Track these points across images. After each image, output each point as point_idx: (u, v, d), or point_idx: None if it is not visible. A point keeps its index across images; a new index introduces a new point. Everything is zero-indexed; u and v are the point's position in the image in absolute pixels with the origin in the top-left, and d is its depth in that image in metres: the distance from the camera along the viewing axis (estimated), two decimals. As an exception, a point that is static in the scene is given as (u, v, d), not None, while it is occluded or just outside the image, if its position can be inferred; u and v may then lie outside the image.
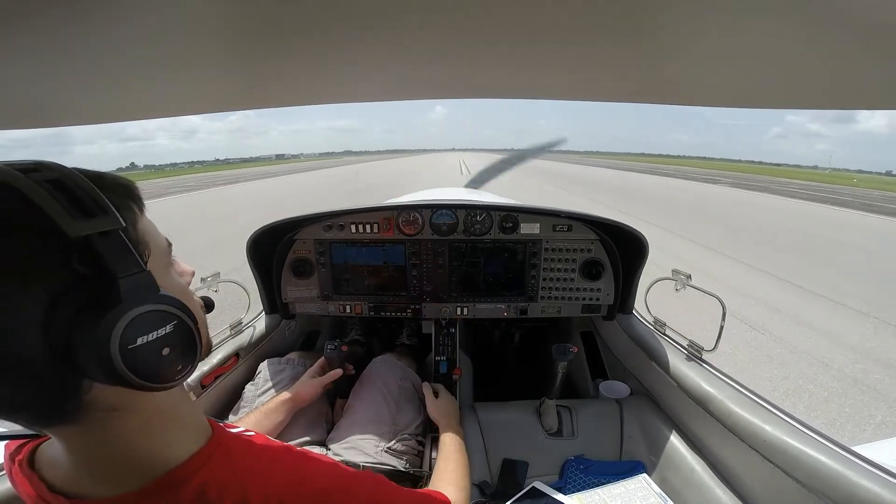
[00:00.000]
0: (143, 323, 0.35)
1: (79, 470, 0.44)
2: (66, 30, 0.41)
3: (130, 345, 0.34)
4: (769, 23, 0.41)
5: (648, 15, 0.43)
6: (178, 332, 0.38)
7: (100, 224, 0.35)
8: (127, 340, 0.34)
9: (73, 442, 0.43)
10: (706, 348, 1.21)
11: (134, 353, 0.35)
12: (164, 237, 0.48)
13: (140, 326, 0.35)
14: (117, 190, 0.42)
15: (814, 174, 57.28)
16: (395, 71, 0.66)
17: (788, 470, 0.85)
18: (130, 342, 0.34)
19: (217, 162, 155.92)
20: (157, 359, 0.37)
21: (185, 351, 0.39)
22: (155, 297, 0.37)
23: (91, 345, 0.33)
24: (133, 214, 0.43)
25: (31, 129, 0.72)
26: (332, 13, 0.43)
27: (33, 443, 0.50)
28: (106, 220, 0.36)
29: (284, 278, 1.56)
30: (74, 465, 0.44)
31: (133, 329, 0.35)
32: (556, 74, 0.69)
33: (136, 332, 0.35)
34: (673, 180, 27.46)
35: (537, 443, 1.27)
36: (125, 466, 0.43)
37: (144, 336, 0.35)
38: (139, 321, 0.35)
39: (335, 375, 1.29)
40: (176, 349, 0.38)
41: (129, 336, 0.34)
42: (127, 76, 0.58)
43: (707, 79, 0.65)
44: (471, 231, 1.50)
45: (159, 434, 0.44)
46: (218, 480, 0.44)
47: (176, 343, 0.38)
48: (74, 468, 0.44)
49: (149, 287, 0.37)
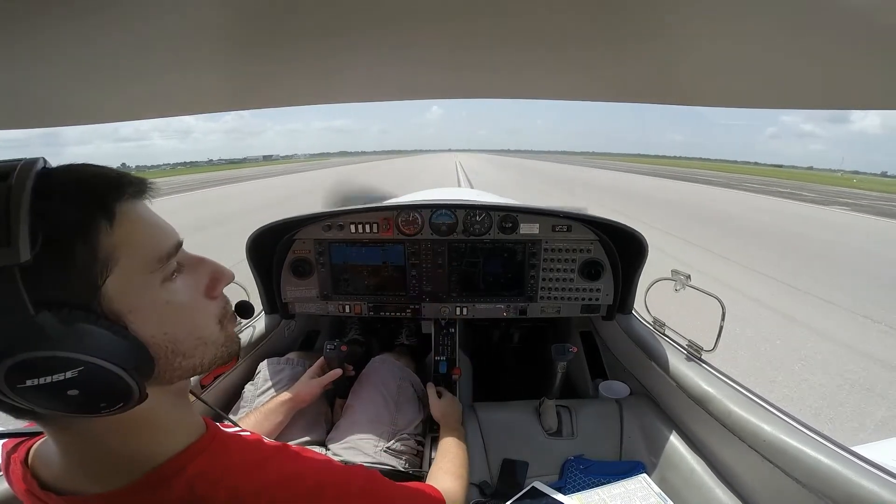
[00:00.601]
0: (26, 369, 0.33)
1: (70, 467, 0.44)
2: (63, 30, 0.41)
3: (19, 385, 0.33)
4: (768, 23, 0.41)
5: (646, 15, 0.43)
6: (88, 376, 0.35)
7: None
8: (13, 381, 0.33)
9: (57, 440, 0.43)
10: (706, 348, 1.21)
11: (28, 391, 0.34)
12: (163, 246, 0.43)
13: (24, 371, 0.33)
14: (80, 203, 0.37)
15: (832, 178, 53.85)
16: (392, 71, 0.66)
17: (788, 470, 0.85)
18: (19, 382, 0.33)
19: (202, 163, 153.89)
20: (63, 397, 0.35)
21: (103, 392, 0.37)
22: (41, 344, 0.33)
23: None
24: (91, 231, 0.37)
25: (27, 129, 0.72)
26: (329, 14, 0.43)
27: (30, 441, 0.50)
28: (2, 254, 0.32)
29: (284, 278, 1.56)
30: (66, 463, 0.44)
31: (16, 374, 0.33)
32: (554, 75, 0.69)
33: (21, 376, 0.33)
34: (651, 178, 27.79)
35: (537, 443, 1.27)
36: (114, 464, 0.43)
37: (34, 379, 0.33)
38: (19, 368, 0.33)
39: (335, 375, 1.29)
40: (87, 391, 0.36)
41: (14, 378, 0.33)
42: (124, 77, 0.58)
43: (706, 79, 0.65)
44: (470, 231, 1.50)
45: (140, 436, 0.44)
46: (209, 475, 0.44)
47: (85, 386, 0.35)
48: (66, 465, 0.44)
49: (33, 334, 0.33)
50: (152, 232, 0.43)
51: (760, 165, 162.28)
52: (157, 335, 0.42)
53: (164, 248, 0.43)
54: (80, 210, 0.37)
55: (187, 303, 0.46)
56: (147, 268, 0.41)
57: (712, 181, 30.31)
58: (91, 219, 0.37)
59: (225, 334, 0.51)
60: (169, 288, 0.44)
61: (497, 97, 0.80)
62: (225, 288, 0.52)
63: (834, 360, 3.40)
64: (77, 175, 0.39)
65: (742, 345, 3.56)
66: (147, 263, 0.41)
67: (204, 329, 0.48)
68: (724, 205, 15.18)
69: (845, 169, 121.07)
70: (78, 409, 0.37)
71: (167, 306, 0.43)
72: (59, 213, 0.36)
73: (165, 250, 0.43)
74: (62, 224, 0.36)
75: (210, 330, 0.49)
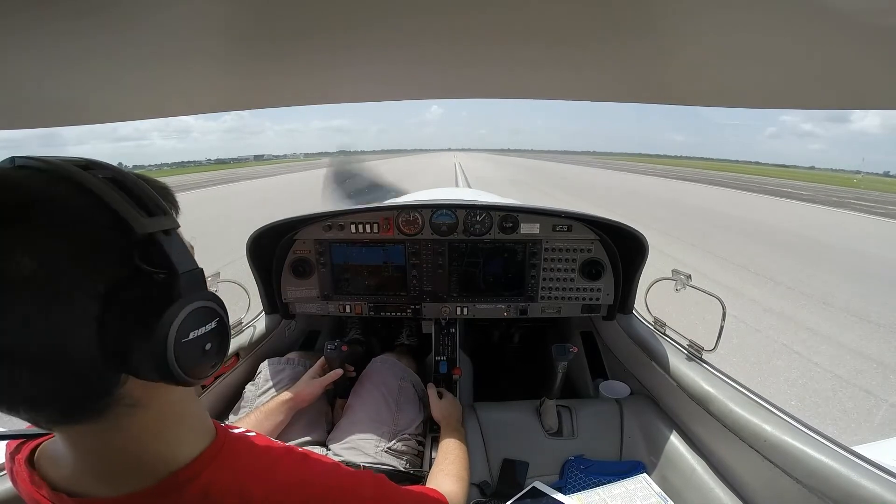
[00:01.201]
0: (195, 318, 0.37)
1: (83, 469, 0.44)
2: (63, 31, 0.41)
3: (183, 338, 0.36)
4: (767, 23, 0.41)
5: (647, 14, 0.43)
6: (219, 328, 0.40)
7: (163, 223, 0.38)
8: (181, 335, 0.36)
9: (81, 442, 0.43)
10: (706, 348, 1.21)
11: (184, 348, 0.36)
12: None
13: (193, 321, 0.37)
14: (159, 191, 0.44)
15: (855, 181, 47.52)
16: (392, 71, 0.66)
17: (788, 470, 0.85)
18: (184, 336, 0.36)
19: (191, 164, 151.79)
20: (200, 354, 0.39)
21: (221, 347, 0.41)
22: (204, 294, 0.39)
23: (146, 339, 0.35)
24: (175, 214, 0.44)
25: (25, 129, 0.72)
26: (328, 13, 0.43)
27: (34, 442, 0.50)
28: (167, 220, 0.38)
29: (284, 278, 1.56)
30: (79, 465, 0.44)
31: (187, 324, 0.36)
32: (554, 74, 0.69)
33: (189, 327, 0.37)
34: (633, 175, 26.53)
35: (537, 443, 1.27)
36: (131, 467, 0.43)
37: (196, 331, 0.37)
38: (193, 316, 0.37)
39: (335, 376, 1.29)
40: (215, 345, 0.40)
41: (184, 330, 0.36)
42: (123, 77, 0.58)
43: (706, 79, 0.65)
44: (471, 231, 1.50)
45: (167, 433, 0.44)
46: (221, 481, 0.45)
47: (216, 339, 0.40)
48: (78, 467, 0.44)
49: (201, 284, 0.39)
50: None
51: (762, 165, 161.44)
52: None
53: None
54: (164, 198, 0.43)
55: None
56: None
57: (739, 185, 26.17)
58: (168, 207, 0.43)
59: None
60: None
61: (496, 97, 0.80)
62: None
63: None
64: (132, 173, 0.43)
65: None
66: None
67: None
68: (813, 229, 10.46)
69: (865, 171, 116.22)
70: (201, 372, 0.39)
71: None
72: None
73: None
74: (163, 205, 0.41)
75: None
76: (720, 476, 1.03)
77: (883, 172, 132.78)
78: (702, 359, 1.21)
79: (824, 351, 3.54)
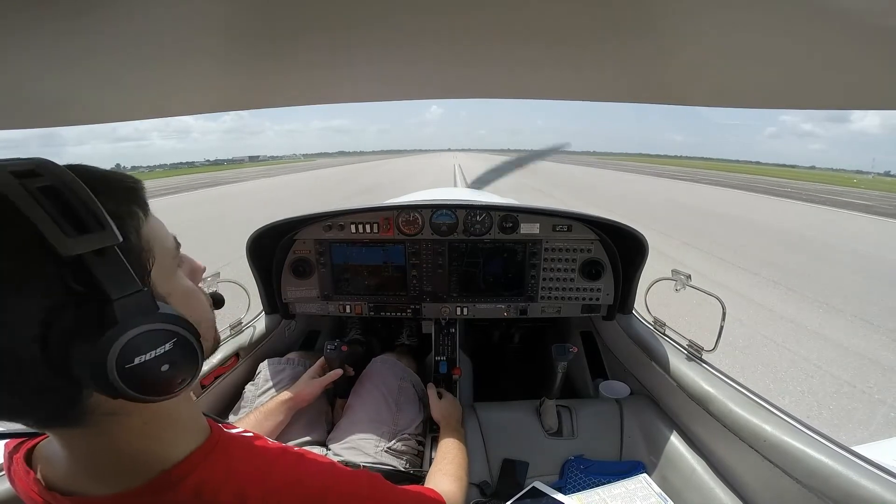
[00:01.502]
0: (140, 343, 0.35)
1: (76, 468, 0.44)
2: (62, 31, 0.41)
3: (128, 364, 0.34)
4: (768, 23, 0.41)
5: (647, 14, 0.43)
6: (178, 347, 0.38)
7: (95, 241, 0.33)
8: (124, 360, 0.34)
9: (73, 442, 0.43)
10: (706, 348, 1.21)
11: (132, 372, 0.34)
12: (171, 237, 0.47)
13: (137, 347, 0.34)
14: (119, 195, 0.41)
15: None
16: (392, 71, 0.66)
17: (788, 470, 0.85)
18: (127, 362, 0.34)
19: (184, 165, 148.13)
20: (157, 375, 0.36)
21: (186, 364, 0.39)
22: (153, 317, 0.36)
23: (88, 364, 0.33)
24: (136, 221, 0.41)
25: (25, 129, 0.72)
26: (328, 13, 0.43)
27: (31, 441, 0.50)
28: (102, 236, 0.34)
29: (284, 278, 1.56)
30: (72, 464, 0.44)
31: (130, 350, 0.34)
32: (555, 74, 0.69)
33: (133, 353, 0.34)
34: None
35: (537, 443, 1.27)
36: (123, 466, 0.43)
37: (142, 356, 0.35)
38: (136, 342, 0.34)
39: (335, 376, 1.29)
40: (176, 364, 0.37)
41: (126, 357, 0.34)
42: (123, 77, 0.58)
43: (706, 78, 0.65)
44: (471, 231, 1.50)
45: (158, 435, 0.44)
46: (214, 479, 0.45)
47: (176, 358, 0.37)
48: (72, 466, 0.44)
49: (146, 307, 0.36)
50: (163, 226, 0.47)
51: (763, 165, 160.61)
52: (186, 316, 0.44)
53: (174, 239, 0.48)
54: (125, 202, 0.41)
55: (193, 292, 0.50)
56: (170, 256, 0.46)
57: (758, 189, 23.14)
58: (134, 209, 0.41)
59: (214, 318, 0.55)
60: (181, 275, 0.48)
61: (496, 97, 0.80)
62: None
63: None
64: (100, 172, 0.41)
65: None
66: (170, 252, 0.46)
67: (206, 312, 0.52)
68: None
69: (877, 171, 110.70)
70: (161, 389, 0.37)
71: (186, 291, 0.48)
72: (110, 204, 0.37)
73: (175, 241, 0.48)
74: (118, 214, 0.38)
75: (209, 313, 0.53)
76: (720, 476, 1.03)
77: (884, 172, 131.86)
78: (702, 359, 1.21)
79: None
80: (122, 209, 0.40)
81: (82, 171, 0.39)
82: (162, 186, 26.17)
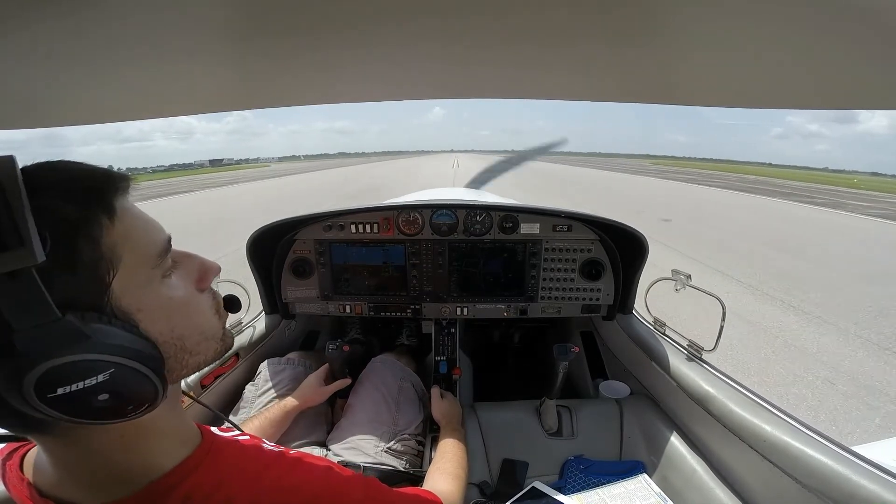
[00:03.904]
0: (60, 374, 0.31)
1: (61, 476, 0.43)
2: (63, 29, 0.41)
3: (50, 394, 0.31)
4: (770, 23, 0.41)
5: (649, 14, 0.43)
6: (119, 377, 0.34)
7: (6, 262, 0.29)
8: (45, 391, 0.31)
9: (53, 450, 0.42)
10: (706, 348, 1.21)
11: (59, 400, 0.32)
12: (156, 242, 0.42)
13: (57, 378, 0.31)
14: (79, 198, 0.36)
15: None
16: (393, 70, 0.66)
17: (788, 470, 0.85)
18: (50, 392, 0.31)
19: (145, 171, 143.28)
20: (94, 403, 0.33)
21: (133, 394, 0.36)
22: (77, 347, 0.32)
23: (11, 391, 0.31)
24: (95, 228, 0.36)
25: (26, 129, 0.72)
26: (330, 12, 0.43)
27: (24, 447, 0.49)
28: (16, 257, 0.29)
29: (284, 278, 1.56)
30: (57, 472, 0.43)
31: (49, 381, 0.31)
32: (556, 74, 0.69)
33: (53, 384, 0.31)
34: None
35: (537, 443, 1.27)
36: (107, 476, 0.42)
37: (65, 387, 0.32)
38: (54, 373, 0.31)
39: (343, 384, 1.31)
40: (118, 394, 0.34)
41: (46, 387, 0.31)
42: (124, 76, 0.58)
43: (709, 79, 0.65)
44: (471, 231, 1.50)
45: (139, 446, 0.43)
46: (204, 489, 0.44)
47: (116, 389, 0.34)
48: (59, 474, 0.43)
49: (70, 335, 0.32)
50: (147, 227, 0.42)
51: (774, 167, 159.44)
52: (165, 332, 0.41)
53: (160, 242, 0.42)
54: (80, 206, 0.35)
55: (186, 298, 0.45)
56: (148, 264, 0.41)
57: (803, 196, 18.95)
58: (93, 214, 0.36)
59: (222, 326, 0.50)
60: (168, 284, 0.43)
61: (499, 97, 0.80)
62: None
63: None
64: (66, 171, 0.37)
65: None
66: (148, 259, 0.41)
67: (205, 324, 0.47)
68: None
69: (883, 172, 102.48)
70: (105, 416, 0.35)
71: (171, 302, 0.42)
72: (59, 210, 0.34)
73: (161, 245, 0.42)
74: (65, 221, 0.34)
75: (210, 323, 0.48)
76: (720, 476, 1.03)
77: (893, 175, 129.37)
78: (702, 359, 1.21)
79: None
80: (78, 214, 0.35)
81: (47, 170, 0.36)
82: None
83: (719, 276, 5.68)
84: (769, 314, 4.39)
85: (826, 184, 34.29)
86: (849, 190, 27.29)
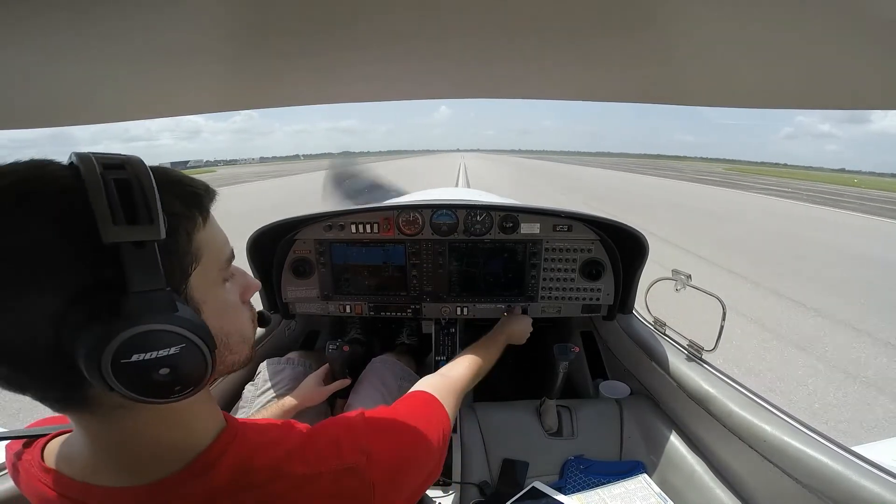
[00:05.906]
0: (143, 341, 0.35)
1: (99, 462, 0.44)
2: (67, 29, 0.41)
3: (123, 359, 0.34)
4: (772, 23, 0.41)
5: (653, 14, 0.43)
6: (184, 354, 0.37)
7: (137, 233, 0.34)
8: (121, 355, 0.34)
9: (92, 430, 0.43)
10: (706, 348, 1.21)
11: (126, 368, 0.34)
12: (227, 250, 0.48)
13: (139, 344, 0.35)
14: (186, 198, 0.43)
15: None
16: (398, 70, 0.66)
17: (788, 470, 0.85)
18: (124, 357, 0.34)
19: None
20: (153, 376, 0.36)
21: (188, 373, 0.38)
22: (166, 317, 0.36)
23: (87, 351, 0.33)
24: (192, 224, 0.42)
25: (32, 128, 0.72)
26: (334, 11, 0.43)
27: (40, 442, 0.50)
28: (146, 230, 0.35)
29: (284, 278, 1.56)
30: (97, 457, 0.44)
31: (130, 346, 0.34)
32: (562, 74, 0.69)
33: (133, 349, 0.34)
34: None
35: (537, 443, 1.27)
36: (152, 455, 0.44)
37: (141, 354, 0.35)
38: (140, 338, 0.35)
39: (343, 385, 1.30)
40: (177, 370, 0.37)
41: (124, 352, 0.34)
42: (128, 75, 0.58)
43: (712, 78, 0.65)
44: (471, 231, 1.50)
45: (177, 425, 0.45)
46: (247, 456, 0.46)
47: (178, 365, 0.37)
48: (94, 458, 0.44)
49: (164, 306, 0.37)
50: (222, 236, 0.49)
51: (790, 167, 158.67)
52: (216, 328, 0.43)
53: (228, 252, 0.49)
54: (186, 205, 0.42)
55: (235, 304, 0.51)
56: (218, 267, 0.47)
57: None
58: (193, 214, 0.43)
59: (254, 335, 0.56)
60: (227, 288, 0.49)
61: (505, 97, 0.80)
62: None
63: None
64: (177, 175, 0.44)
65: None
66: (218, 263, 0.47)
67: (246, 329, 0.53)
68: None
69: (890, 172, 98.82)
70: (157, 393, 0.37)
71: (226, 304, 0.49)
72: (172, 204, 0.39)
73: (229, 254, 0.49)
74: (174, 214, 0.40)
75: (249, 330, 0.54)
76: (720, 476, 1.03)
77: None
78: (702, 359, 1.21)
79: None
80: (182, 210, 0.41)
81: (161, 172, 0.41)
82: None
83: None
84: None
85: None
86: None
